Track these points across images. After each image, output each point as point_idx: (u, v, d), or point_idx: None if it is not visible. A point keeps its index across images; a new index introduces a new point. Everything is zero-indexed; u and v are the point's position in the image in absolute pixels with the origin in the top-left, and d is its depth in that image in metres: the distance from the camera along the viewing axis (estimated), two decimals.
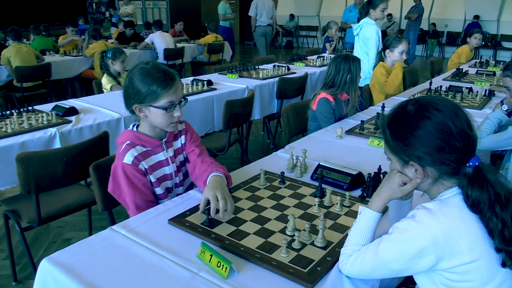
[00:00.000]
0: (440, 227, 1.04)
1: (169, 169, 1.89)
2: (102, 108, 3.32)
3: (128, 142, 1.80)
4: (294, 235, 1.45)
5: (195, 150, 1.94)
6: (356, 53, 4.39)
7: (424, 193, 1.22)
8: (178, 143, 1.94)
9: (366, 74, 4.22)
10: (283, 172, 1.94)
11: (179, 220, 1.59)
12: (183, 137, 1.96)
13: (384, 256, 1.11)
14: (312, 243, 1.44)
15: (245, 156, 4.17)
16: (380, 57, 3.98)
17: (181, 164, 1.96)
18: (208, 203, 1.59)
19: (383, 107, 3.10)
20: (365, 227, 1.23)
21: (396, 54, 3.80)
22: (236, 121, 3.62)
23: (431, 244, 1.04)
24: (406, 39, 3.87)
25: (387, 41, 3.86)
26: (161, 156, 1.86)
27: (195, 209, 1.68)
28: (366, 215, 1.25)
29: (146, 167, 1.81)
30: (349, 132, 2.74)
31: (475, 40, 5.69)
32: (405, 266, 1.08)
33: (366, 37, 4.26)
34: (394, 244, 1.10)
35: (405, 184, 1.20)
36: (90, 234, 2.20)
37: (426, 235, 1.04)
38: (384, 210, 1.44)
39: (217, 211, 1.56)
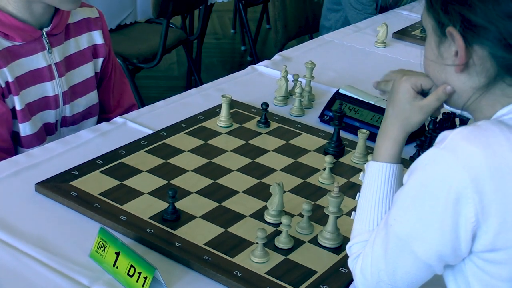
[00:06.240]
0: (488, 157, 1.06)
1: (52, 88, 1.91)
2: None
3: None
4: (280, 223, 1.47)
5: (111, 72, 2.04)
6: None
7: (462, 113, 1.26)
8: (76, 43, 1.97)
9: None
10: (266, 104, 1.94)
11: (58, 186, 1.59)
12: (96, 34, 2.00)
13: (397, 228, 1.13)
14: (315, 240, 1.47)
15: (195, 73, 4.14)
16: None
17: (84, 84, 2.00)
18: None
19: None
20: (373, 196, 1.26)
21: None
22: (180, 4, 3.57)
23: (470, 183, 1.05)
24: None
25: None
26: (39, 61, 1.87)
27: (90, 165, 1.68)
28: (372, 175, 1.28)
29: (10, 80, 1.81)
30: (401, 34, 2.74)
31: None
32: (437, 242, 1.10)
33: None
34: (409, 200, 1.12)
35: (424, 93, 1.24)
36: None
37: (460, 168, 1.06)
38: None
39: None
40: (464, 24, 1.12)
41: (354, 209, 1.29)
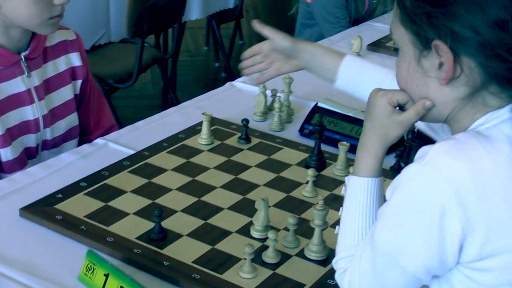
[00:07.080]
0: (469, 169, 1.07)
1: (32, 111, 1.91)
2: None
3: None
4: (266, 238, 1.48)
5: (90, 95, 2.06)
6: None
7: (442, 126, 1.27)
8: (54, 66, 1.98)
9: None
10: (246, 121, 1.96)
11: (42, 210, 1.59)
12: (74, 56, 2.02)
13: (384, 244, 1.14)
14: (301, 253, 1.49)
15: (171, 92, 4.14)
16: None
17: (63, 107, 2.01)
18: None
19: None
20: (357, 211, 1.26)
21: None
22: (154, 23, 3.57)
23: (454, 197, 1.06)
24: None
25: None
26: (18, 85, 1.88)
27: (74, 187, 1.68)
28: (354, 190, 1.28)
29: None
30: (375, 46, 2.78)
31: None
32: (424, 256, 1.11)
33: None
34: (394, 217, 1.13)
35: (400, 106, 1.24)
36: None
37: (443, 183, 1.07)
38: None
39: None
40: (453, 36, 1.11)
41: (338, 222, 1.30)
